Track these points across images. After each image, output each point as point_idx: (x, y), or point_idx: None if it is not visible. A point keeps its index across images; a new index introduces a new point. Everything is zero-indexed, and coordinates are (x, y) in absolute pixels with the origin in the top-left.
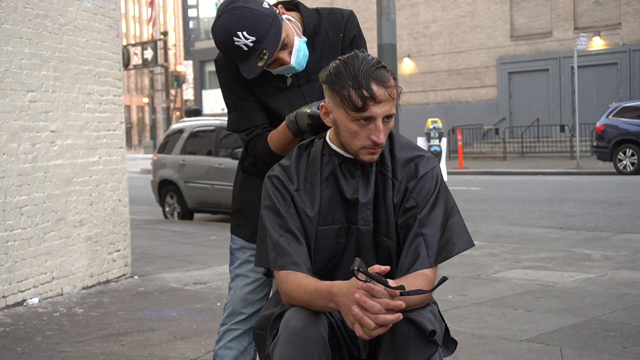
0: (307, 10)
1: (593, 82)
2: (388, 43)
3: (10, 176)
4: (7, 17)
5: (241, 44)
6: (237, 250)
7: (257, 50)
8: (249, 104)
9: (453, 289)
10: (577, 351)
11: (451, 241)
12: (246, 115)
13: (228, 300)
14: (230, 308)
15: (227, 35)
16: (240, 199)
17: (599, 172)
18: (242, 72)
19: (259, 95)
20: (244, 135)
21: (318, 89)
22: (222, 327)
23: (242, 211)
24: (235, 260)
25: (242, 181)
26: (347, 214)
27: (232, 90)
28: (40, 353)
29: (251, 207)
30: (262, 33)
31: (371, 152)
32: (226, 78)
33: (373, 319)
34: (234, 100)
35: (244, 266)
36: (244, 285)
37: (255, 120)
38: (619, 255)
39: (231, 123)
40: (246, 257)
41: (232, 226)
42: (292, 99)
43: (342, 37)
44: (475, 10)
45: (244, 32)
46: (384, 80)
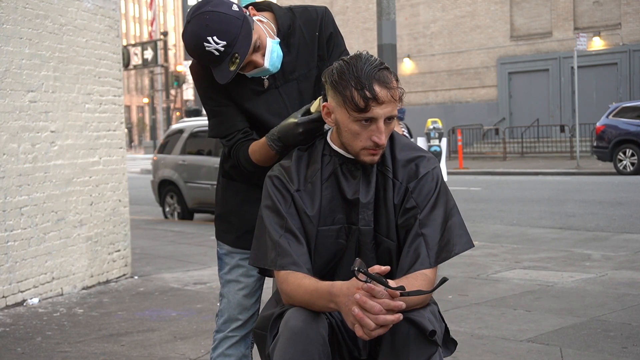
0: (280, 9)
1: (593, 82)
2: (388, 43)
3: (10, 176)
4: (7, 17)
5: (212, 49)
6: (225, 255)
7: (229, 55)
8: (228, 109)
9: (453, 289)
10: (577, 351)
11: (451, 242)
12: (226, 120)
13: (222, 307)
14: (226, 315)
15: (197, 40)
16: (223, 204)
17: (599, 172)
18: (216, 77)
19: (237, 99)
20: (226, 141)
21: (296, 90)
22: (218, 334)
23: (225, 216)
24: (225, 265)
25: (224, 186)
26: (347, 215)
27: (209, 96)
28: (40, 353)
29: (234, 212)
30: (232, 37)
31: (372, 153)
32: (203, 84)
33: (373, 319)
34: (212, 106)
35: (235, 271)
36: (237, 291)
37: (236, 125)
38: (619, 255)
39: (212, 129)
40: (235, 262)
41: (216, 231)
42: (270, 100)
43: (317, 35)
44: (475, 10)
45: (214, 37)
46: (387, 82)
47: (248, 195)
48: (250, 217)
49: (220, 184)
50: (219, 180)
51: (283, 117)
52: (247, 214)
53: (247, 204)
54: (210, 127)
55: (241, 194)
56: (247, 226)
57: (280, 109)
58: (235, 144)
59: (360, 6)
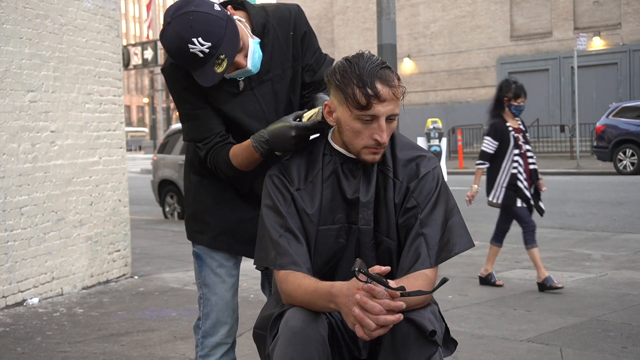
0: (254, 8)
1: (593, 82)
2: (388, 43)
3: (10, 176)
4: (7, 17)
5: (196, 50)
6: (205, 254)
7: (213, 56)
8: (204, 111)
9: (453, 289)
10: (577, 351)
11: (451, 241)
12: (202, 123)
13: (207, 310)
14: (214, 318)
15: (181, 42)
16: (196, 203)
17: (599, 172)
18: (198, 79)
19: (213, 101)
20: (202, 145)
21: (271, 90)
22: (208, 339)
23: (199, 216)
24: (204, 266)
25: (197, 184)
26: (347, 214)
27: (184, 99)
28: (40, 353)
29: (209, 210)
30: (217, 38)
31: (373, 152)
32: (177, 87)
33: (374, 319)
34: (188, 109)
35: (220, 270)
36: (226, 291)
37: (213, 128)
38: (619, 255)
39: (187, 133)
40: (219, 261)
41: (189, 232)
42: (245, 102)
43: (292, 35)
44: (475, 10)
45: (199, 38)
46: (389, 80)
47: (223, 195)
48: (226, 216)
49: (191, 182)
50: (189, 180)
51: (259, 120)
52: (222, 214)
53: (223, 203)
54: (185, 131)
55: (216, 193)
56: (223, 226)
57: (256, 111)
58: (213, 148)
59: (360, 6)
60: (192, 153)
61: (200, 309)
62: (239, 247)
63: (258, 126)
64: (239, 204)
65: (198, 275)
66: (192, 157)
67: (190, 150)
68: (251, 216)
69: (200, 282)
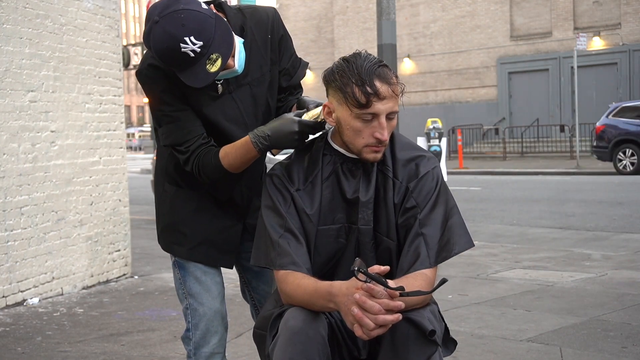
0: (231, 9)
1: (593, 82)
2: (388, 43)
3: (10, 176)
4: (8, 17)
5: (188, 50)
6: (187, 264)
7: (204, 56)
8: (185, 113)
9: (453, 289)
10: (577, 351)
11: (451, 241)
12: (184, 126)
13: (195, 321)
14: (204, 328)
15: (172, 42)
16: (172, 213)
17: (599, 172)
18: (187, 80)
19: (194, 104)
20: (184, 148)
21: (249, 95)
22: (200, 349)
23: (176, 227)
24: (188, 275)
25: (173, 194)
26: (347, 214)
27: (164, 101)
28: (41, 353)
29: (186, 221)
30: (209, 36)
31: (375, 150)
32: (156, 89)
33: (372, 319)
34: (168, 111)
35: (206, 278)
36: (213, 299)
37: (194, 130)
38: (619, 255)
39: (167, 137)
40: (202, 270)
41: (165, 244)
42: (225, 106)
43: (270, 37)
44: (475, 10)
45: (191, 37)
46: (387, 78)
47: (200, 204)
48: (203, 226)
49: (166, 192)
50: (163, 189)
51: (239, 124)
52: (200, 224)
53: (200, 212)
54: (165, 134)
55: (193, 203)
56: (201, 237)
57: (236, 115)
58: (197, 151)
59: (360, 6)
60: (167, 160)
61: (188, 319)
62: (218, 257)
63: (238, 131)
64: (217, 213)
65: (182, 285)
66: (167, 165)
67: (163, 157)
68: (230, 224)
69: (184, 292)
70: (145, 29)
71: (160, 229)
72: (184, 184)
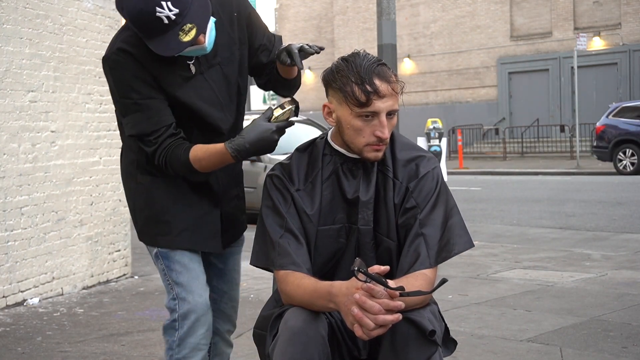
0: None
1: (593, 82)
2: (388, 43)
3: (10, 176)
4: (8, 17)
5: (163, 15)
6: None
7: (178, 25)
8: (154, 101)
9: (453, 289)
10: (577, 351)
11: (451, 241)
12: (152, 115)
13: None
14: (193, 318)
15: (148, 5)
16: (151, 204)
17: (599, 172)
18: (155, 48)
19: (167, 87)
20: (153, 139)
21: (221, 75)
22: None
23: (157, 218)
24: (175, 264)
25: (149, 186)
26: (348, 214)
27: (132, 88)
28: (41, 353)
29: (167, 209)
30: (185, 5)
31: (376, 149)
32: (126, 75)
33: (372, 319)
34: (136, 99)
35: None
36: (202, 288)
37: (164, 119)
38: (619, 255)
39: (134, 126)
40: (189, 257)
41: (148, 237)
42: (198, 87)
43: (236, 16)
44: (475, 10)
45: (169, 3)
46: (386, 76)
47: (179, 191)
48: (185, 214)
49: (141, 184)
50: (136, 182)
51: (215, 105)
52: (182, 211)
53: (179, 199)
54: (130, 124)
55: (171, 190)
56: (184, 223)
57: (210, 96)
58: (165, 144)
59: (360, 6)
60: (137, 152)
61: (175, 309)
62: (204, 242)
63: (214, 112)
64: (195, 199)
65: (167, 276)
66: (138, 157)
67: (132, 150)
68: (208, 210)
69: (170, 282)
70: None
71: (141, 224)
72: (159, 172)
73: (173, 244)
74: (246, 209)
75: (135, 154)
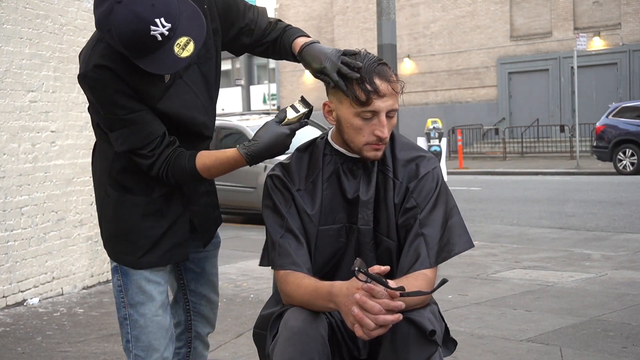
0: None
1: (593, 82)
2: (388, 43)
3: (10, 176)
4: (8, 17)
5: (157, 33)
6: (130, 270)
7: (170, 39)
8: (141, 114)
9: (453, 289)
10: (577, 351)
11: (451, 241)
12: (142, 128)
13: (136, 332)
14: (146, 342)
15: (141, 24)
16: (117, 222)
17: (599, 172)
18: (149, 67)
19: (148, 100)
20: (148, 152)
21: (199, 74)
22: None
23: (123, 236)
24: (131, 284)
25: (117, 201)
26: (348, 214)
27: (117, 104)
28: (41, 353)
29: (133, 230)
30: (175, 19)
31: (375, 149)
32: (108, 91)
33: (373, 319)
34: (122, 115)
35: (149, 287)
36: (156, 310)
37: (154, 131)
38: (619, 255)
39: (124, 142)
40: (146, 277)
41: (113, 254)
42: (180, 92)
43: (207, 8)
44: (475, 10)
45: (162, 19)
46: (387, 75)
47: (148, 209)
48: (153, 232)
49: (109, 197)
50: (105, 193)
51: (197, 108)
52: (149, 230)
53: (147, 217)
54: (120, 140)
55: (139, 208)
56: (151, 242)
57: (193, 100)
58: (163, 156)
59: (360, 6)
60: (111, 162)
61: (127, 330)
62: (171, 254)
63: (199, 117)
64: (164, 210)
65: (121, 293)
66: (110, 168)
67: (106, 158)
68: (177, 215)
69: (123, 301)
70: (101, 10)
71: (106, 235)
72: (129, 189)
73: (138, 265)
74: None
75: (110, 162)
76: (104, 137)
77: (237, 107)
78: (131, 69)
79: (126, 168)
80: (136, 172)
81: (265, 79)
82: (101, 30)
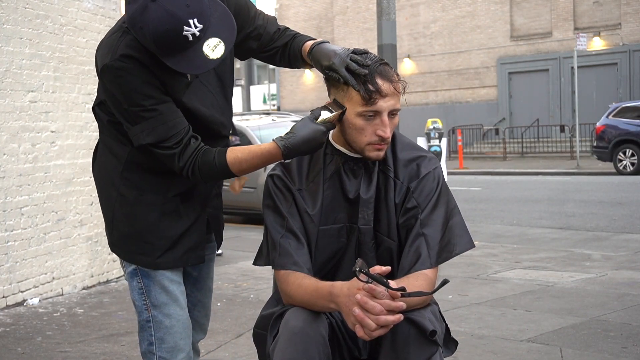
0: None
1: (593, 82)
2: (388, 43)
3: (10, 176)
4: (8, 17)
5: (189, 33)
6: (151, 272)
7: (200, 40)
8: (167, 105)
9: (453, 289)
10: (577, 351)
11: (452, 242)
12: (168, 119)
13: (161, 334)
14: (171, 343)
15: (175, 24)
16: (133, 221)
17: (599, 172)
18: (177, 66)
19: (173, 93)
20: (173, 144)
21: (214, 76)
22: None
23: (140, 236)
24: (154, 285)
25: (134, 201)
26: (349, 214)
27: (144, 94)
28: (41, 353)
29: (151, 230)
30: (207, 19)
31: (378, 148)
32: (134, 82)
33: (374, 319)
34: (148, 105)
35: (172, 287)
36: (181, 310)
37: (179, 123)
38: (619, 255)
39: (150, 133)
40: (169, 277)
41: (126, 254)
42: (198, 92)
43: None
44: (475, 10)
45: (195, 20)
46: (389, 75)
47: (165, 208)
48: (170, 232)
49: (124, 197)
50: (117, 193)
51: (216, 108)
52: (167, 230)
53: (165, 217)
54: (145, 131)
55: (157, 208)
56: (169, 242)
57: (210, 100)
58: (190, 149)
59: (360, 6)
60: (125, 162)
61: (150, 332)
62: (188, 257)
63: (217, 116)
64: (181, 211)
65: (145, 295)
66: (123, 168)
67: (117, 157)
68: (195, 217)
69: (146, 303)
70: (135, 6)
71: (117, 237)
72: (144, 188)
73: (156, 265)
74: (243, 209)
75: (122, 163)
76: (115, 136)
77: (237, 107)
78: (157, 60)
79: (140, 167)
80: (150, 171)
81: (265, 79)
82: (132, 27)
